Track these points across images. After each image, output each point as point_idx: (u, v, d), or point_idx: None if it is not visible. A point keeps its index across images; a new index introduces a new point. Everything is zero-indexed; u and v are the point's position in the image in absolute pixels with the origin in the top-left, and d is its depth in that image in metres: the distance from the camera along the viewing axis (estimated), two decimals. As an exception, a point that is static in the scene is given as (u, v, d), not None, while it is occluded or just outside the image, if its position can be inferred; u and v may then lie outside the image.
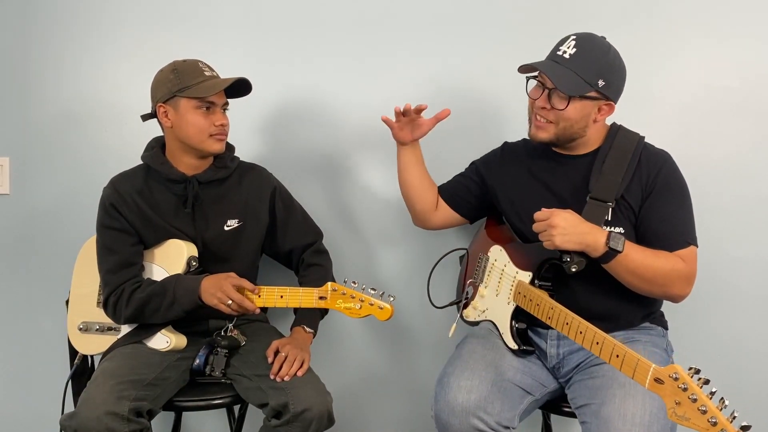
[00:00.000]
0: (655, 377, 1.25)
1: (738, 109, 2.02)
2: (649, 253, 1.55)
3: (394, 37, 2.19)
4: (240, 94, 1.89)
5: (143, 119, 1.87)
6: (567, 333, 1.49)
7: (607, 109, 1.66)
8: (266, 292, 1.76)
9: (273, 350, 1.74)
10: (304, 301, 1.74)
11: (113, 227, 1.81)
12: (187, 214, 1.85)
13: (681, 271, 1.57)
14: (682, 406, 1.19)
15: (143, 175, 1.87)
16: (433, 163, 1.98)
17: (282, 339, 1.79)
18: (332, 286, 1.74)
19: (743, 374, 2.05)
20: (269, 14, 2.24)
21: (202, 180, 1.85)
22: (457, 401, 1.55)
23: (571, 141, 1.68)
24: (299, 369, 1.70)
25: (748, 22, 2.01)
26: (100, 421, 1.51)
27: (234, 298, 1.71)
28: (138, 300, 1.76)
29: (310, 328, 1.85)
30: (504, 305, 1.73)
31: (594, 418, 1.47)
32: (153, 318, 1.78)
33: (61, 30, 2.31)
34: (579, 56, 1.60)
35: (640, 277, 1.55)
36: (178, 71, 1.79)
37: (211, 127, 1.80)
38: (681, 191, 1.66)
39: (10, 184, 2.35)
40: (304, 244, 1.98)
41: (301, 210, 2.03)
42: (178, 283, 1.75)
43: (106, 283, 1.81)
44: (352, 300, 1.72)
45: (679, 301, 1.63)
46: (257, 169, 1.99)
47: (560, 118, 1.63)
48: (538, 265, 1.66)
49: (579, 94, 1.59)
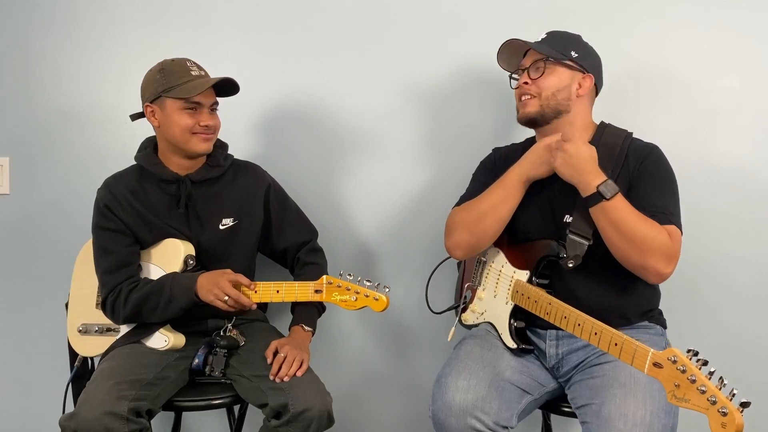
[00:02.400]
0: (653, 362, 1.25)
1: (738, 109, 2.02)
2: (636, 214, 1.53)
3: (394, 37, 2.19)
4: (231, 93, 1.88)
5: (132, 119, 1.88)
6: (565, 327, 1.50)
7: (587, 83, 1.71)
8: (262, 287, 1.77)
9: (272, 351, 1.74)
10: (300, 295, 1.75)
11: (108, 228, 1.81)
12: (180, 214, 1.84)
13: (663, 242, 1.52)
14: (681, 388, 1.19)
15: (136, 176, 1.87)
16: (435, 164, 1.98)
17: (281, 339, 1.78)
18: (328, 279, 1.75)
19: (743, 374, 2.04)
20: (268, 14, 2.24)
21: (195, 179, 1.85)
22: (454, 401, 1.55)
23: (555, 115, 1.70)
24: (299, 369, 1.69)
25: (748, 22, 2.01)
26: (99, 421, 1.51)
27: (230, 294, 1.71)
28: (135, 299, 1.75)
29: (309, 327, 1.85)
30: (502, 305, 1.73)
31: (595, 418, 1.47)
32: (151, 317, 1.77)
33: (61, 30, 2.32)
34: (550, 38, 1.74)
35: (621, 233, 1.52)
36: (165, 71, 1.79)
37: (195, 127, 1.78)
38: (667, 177, 1.66)
39: (10, 184, 2.35)
40: (299, 242, 1.98)
41: (295, 208, 2.02)
42: (175, 281, 1.75)
43: (103, 284, 1.81)
44: (347, 292, 1.73)
45: (654, 278, 1.57)
46: (251, 167, 1.99)
47: (541, 88, 1.69)
48: (535, 262, 1.67)
49: (554, 57, 1.68)
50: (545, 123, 1.72)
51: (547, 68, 1.69)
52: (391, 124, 2.21)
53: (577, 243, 1.59)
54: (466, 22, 2.15)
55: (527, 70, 1.72)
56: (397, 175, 2.21)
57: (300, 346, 1.76)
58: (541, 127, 1.73)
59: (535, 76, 1.70)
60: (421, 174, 2.21)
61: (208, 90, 1.80)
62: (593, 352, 1.64)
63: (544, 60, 1.69)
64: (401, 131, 2.20)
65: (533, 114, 1.71)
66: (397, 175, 2.21)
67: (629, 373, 1.51)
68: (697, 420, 1.98)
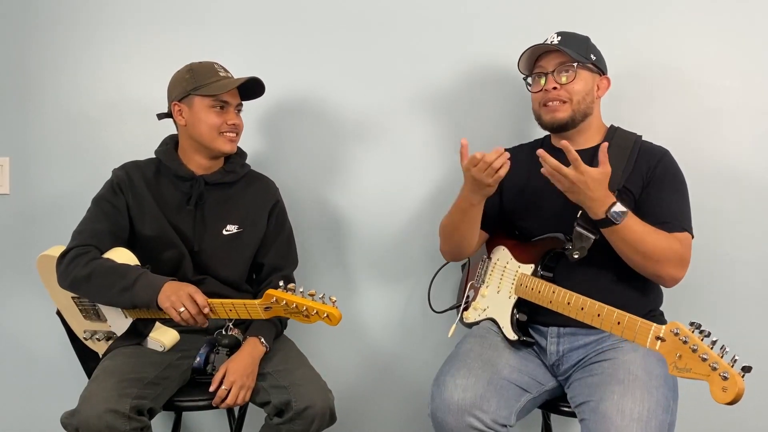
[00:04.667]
0: (656, 335, 1.28)
1: (738, 109, 2.03)
2: (647, 230, 1.56)
3: (395, 36, 2.19)
4: (254, 96, 1.92)
5: (159, 118, 1.90)
6: (568, 313, 1.53)
7: (605, 84, 1.78)
8: (217, 306, 1.68)
9: (219, 379, 1.70)
10: (252, 313, 1.67)
11: (111, 203, 1.81)
12: (188, 212, 1.84)
13: (677, 251, 1.59)
14: (683, 359, 1.21)
15: (154, 168, 1.88)
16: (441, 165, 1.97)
17: (232, 363, 1.72)
18: (273, 295, 1.61)
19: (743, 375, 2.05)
20: (271, 14, 2.24)
21: (210, 181, 1.86)
22: (452, 399, 1.56)
23: (584, 118, 1.73)
24: (242, 399, 1.69)
25: (748, 21, 2.02)
26: (101, 418, 1.50)
27: (187, 307, 1.63)
28: (97, 266, 1.69)
29: (266, 342, 1.79)
30: (505, 300, 1.75)
31: (592, 414, 1.48)
32: (96, 293, 1.72)
33: (62, 30, 2.31)
34: (565, 41, 1.73)
35: (634, 250, 1.57)
36: (194, 71, 1.83)
37: (223, 125, 1.82)
38: (679, 182, 1.69)
39: (10, 184, 2.35)
40: (276, 266, 1.95)
41: (289, 233, 2.01)
42: (144, 276, 1.69)
43: (79, 236, 1.77)
44: (296, 310, 1.59)
45: (670, 284, 1.64)
46: (265, 180, 2.01)
47: (572, 93, 1.70)
48: (541, 255, 1.69)
49: (582, 61, 1.70)
50: (573, 127, 1.74)
51: (577, 73, 1.70)
52: (397, 125, 2.21)
53: (583, 236, 1.61)
54: (470, 23, 2.16)
55: (551, 74, 1.72)
56: (403, 175, 2.22)
57: (248, 370, 1.72)
58: (569, 131, 1.74)
59: (564, 81, 1.70)
60: (428, 174, 2.21)
61: (234, 91, 1.84)
62: (593, 350, 1.66)
63: (575, 65, 1.69)
64: (407, 131, 2.21)
65: (565, 119, 1.71)
66: (403, 176, 2.22)
67: (628, 370, 1.53)
68: (697, 419, 2.01)
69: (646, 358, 1.56)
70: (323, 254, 2.26)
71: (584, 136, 1.76)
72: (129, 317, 1.78)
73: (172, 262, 1.83)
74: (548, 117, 1.73)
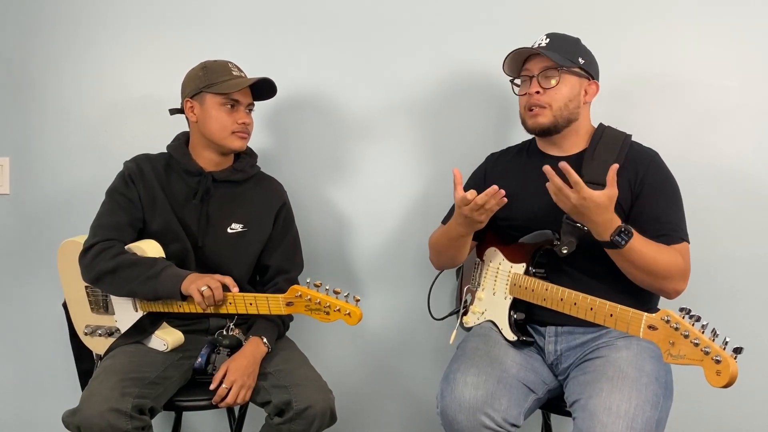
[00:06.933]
0: (648, 325, 1.29)
1: (738, 109, 2.03)
2: (651, 248, 1.55)
3: (397, 35, 2.20)
4: (266, 97, 1.93)
5: (171, 113, 1.91)
6: (563, 309, 1.53)
7: (593, 89, 1.74)
8: (236, 299, 1.70)
9: (220, 377, 1.70)
10: (273, 308, 1.68)
11: (125, 195, 1.82)
12: (194, 207, 1.85)
13: (680, 266, 1.58)
14: (676, 345, 1.22)
15: (164, 163, 1.89)
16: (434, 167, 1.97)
17: (233, 362, 1.73)
18: (297, 290, 1.65)
19: (743, 374, 2.04)
20: (273, 12, 2.25)
21: (218, 178, 1.87)
22: (464, 397, 1.56)
23: (567, 124, 1.71)
24: (242, 398, 1.69)
25: (748, 21, 2.02)
26: (102, 417, 1.50)
27: (211, 286, 1.65)
28: (123, 260, 1.72)
29: (268, 342, 1.80)
30: (501, 301, 1.75)
31: (581, 412, 1.49)
32: (123, 285, 1.72)
33: (62, 30, 2.32)
34: (554, 43, 1.71)
35: (638, 268, 1.56)
36: (208, 68, 1.84)
37: (234, 124, 1.83)
38: (671, 189, 1.68)
39: (10, 184, 2.35)
40: (282, 269, 1.95)
41: (295, 235, 2.02)
42: (169, 267, 1.72)
43: (100, 231, 1.78)
44: (318, 306, 1.62)
45: (673, 296, 1.63)
46: (274, 182, 2.01)
47: (553, 99, 1.68)
48: (531, 253, 1.68)
49: (566, 65, 1.67)
50: (557, 132, 1.73)
51: (561, 78, 1.68)
52: (394, 126, 2.22)
53: (571, 228, 1.59)
54: (462, 26, 2.16)
55: (535, 77, 1.70)
56: (400, 181, 2.22)
57: (249, 369, 1.72)
58: (552, 136, 1.74)
59: (547, 86, 1.68)
60: (424, 181, 2.21)
61: (246, 90, 1.85)
62: (589, 348, 1.66)
63: (558, 69, 1.67)
64: (407, 131, 2.22)
65: (546, 125, 1.70)
66: (400, 181, 2.22)
67: (618, 367, 1.53)
68: (696, 418, 2.00)
69: (639, 356, 1.56)
70: (327, 256, 2.26)
71: (570, 141, 1.75)
72: (140, 311, 1.79)
73: (177, 256, 1.82)
74: (531, 121, 1.72)
